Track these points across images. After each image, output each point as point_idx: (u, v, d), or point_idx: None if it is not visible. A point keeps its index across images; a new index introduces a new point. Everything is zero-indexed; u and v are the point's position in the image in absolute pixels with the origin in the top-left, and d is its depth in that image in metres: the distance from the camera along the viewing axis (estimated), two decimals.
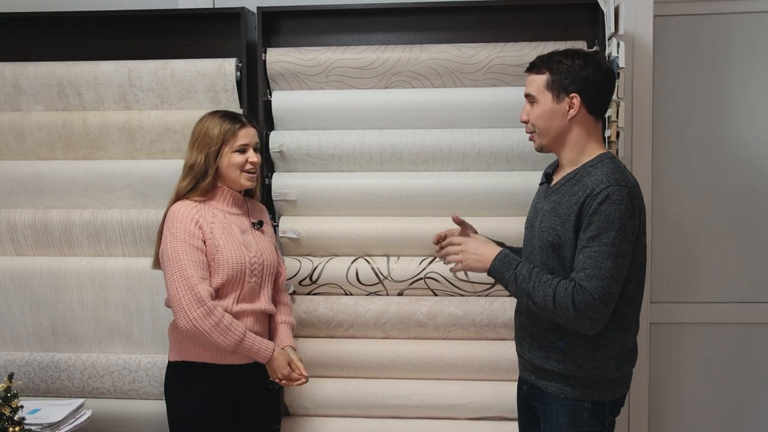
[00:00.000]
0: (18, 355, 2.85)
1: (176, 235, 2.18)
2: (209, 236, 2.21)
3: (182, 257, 2.16)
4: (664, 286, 3.04)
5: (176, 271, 2.15)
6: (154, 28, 2.89)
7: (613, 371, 1.99)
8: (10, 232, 2.85)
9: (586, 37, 2.73)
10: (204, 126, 2.27)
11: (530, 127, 2.05)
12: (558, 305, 1.89)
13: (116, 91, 2.83)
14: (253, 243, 2.31)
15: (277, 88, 2.85)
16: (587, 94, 1.97)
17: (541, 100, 2.00)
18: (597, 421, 2.00)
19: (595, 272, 1.86)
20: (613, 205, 1.87)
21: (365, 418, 2.82)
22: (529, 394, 2.14)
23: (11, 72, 2.84)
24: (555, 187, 2.05)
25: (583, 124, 2.00)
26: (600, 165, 1.97)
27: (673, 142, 3.01)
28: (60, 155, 2.88)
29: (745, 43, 2.97)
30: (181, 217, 2.20)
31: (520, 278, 1.95)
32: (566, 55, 2.00)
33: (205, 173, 2.25)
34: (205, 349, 2.23)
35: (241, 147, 2.26)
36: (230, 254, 2.22)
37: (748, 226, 3.02)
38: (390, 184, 2.78)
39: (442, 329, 2.77)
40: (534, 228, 2.08)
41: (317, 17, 2.88)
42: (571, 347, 1.99)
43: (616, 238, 1.86)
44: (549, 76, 1.98)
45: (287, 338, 2.40)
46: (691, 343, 3.06)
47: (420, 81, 2.79)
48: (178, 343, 2.28)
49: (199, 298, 2.13)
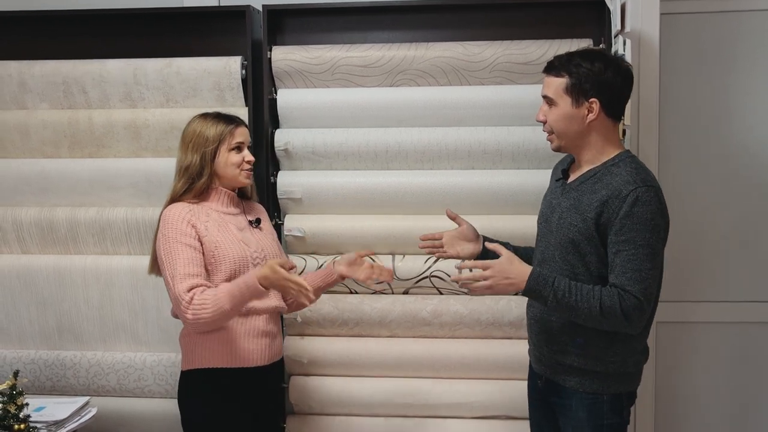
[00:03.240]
0: (24, 353, 2.85)
1: (168, 236, 2.15)
2: (204, 233, 2.17)
3: (175, 256, 2.12)
4: (672, 285, 3.01)
5: (169, 273, 2.11)
6: (159, 26, 2.89)
7: (631, 366, 2.03)
8: (16, 231, 2.85)
9: (593, 35, 2.72)
10: (197, 128, 2.25)
11: (548, 128, 2.05)
12: (606, 314, 1.89)
13: (122, 90, 2.83)
14: (252, 240, 2.28)
15: (283, 87, 2.85)
16: (606, 99, 1.96)
17: (560, 104, 1.99)
18: (616, 413, 2.03)
19: (636, 275, 1.88)
20: (645, 207, 1.88)
21: (370, 417, 2.81)
22: (545, 389, 2.14)
23: (17, 70, 2.85)
24: (574, 185, 2.04)
25: (602, 126, 2.00)
26: (622, 164, 1.97)
27: (679, 140, 2.99)
28: (65, 153, 2.88)
29: (752, 41, 2.95)
30: (172, 220, 2.17)
31: (560, 294, 1.91)
32: (585, 57, 1.98)
33: (200, 173, 2.22)
34: (222, 354, 2.18)
35: (237, 145, 2.26)
36: (230, 249, 2.19)
37: (756, 224, 3.01)
38: (395, 182, 2.78)
39: (447, 328, 2.76)
40: (551, 224, 2.07)
41: (322, 15, 2.88)
42: (590, 343, 1.99)
43: (651, 238, 1.89)
44: (568, 80, 1.96)
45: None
46: (699, 342, 3.05)
47: (425, 79, 2.78)
48: (190, 351, 2.23)
49: (180, 292, 2.07)
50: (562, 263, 2.01)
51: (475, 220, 2.73)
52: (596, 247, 1.95)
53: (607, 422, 2.01)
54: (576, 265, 1.98)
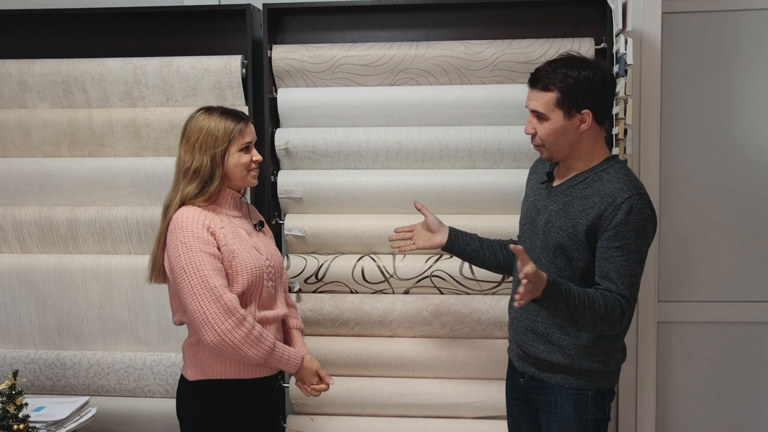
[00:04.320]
0: (23, 353, 2.85)
1: (189, 244, 1.99)
2: (223, 242, 2.04)
3: (201, 267, 1.97)
4: (672, 285, 3.02)
5: (197, 283, 1.97)
6: (159, 25, 2.89)
7: (614, 364, 2.07)
8: (16, 230, 2.84)
9: (594, 34, 2.71)
10: (203, 125, 2.08)
11: (538, 141, 2.02)
12: (606, 318, 1.91)
13: (122, 89, 2.82)
14: (261, 245, 2.19)
15: (283, 86, 2.84)
16: (598, 108, 1.97)
17: (552, 118, 1.96)
18: (599, 409, 2.06)
19: (629, 280, 1.93)
20: (639, 215, 1.91)
21: (371, 417, 2.81)
22: (528, 387, 2.14)
23: (17, 69, 2.84)
24: (562, 188, 2.04)
25: (592, 133, 2.00)
26: (612, 170, 1.99)
27: (680, 140, 2.99)
28: (65, 153, 2.87)
29: (754, 41, 2.95)
30: (191, 225, 2.01)
31: (571, 303, 1.87)
32: (571, 66, 1.94)
33: (212, 177, 2.07)
34: (232, 365, 2.08)
35: (246, 144, 2.13)
36: (247, 259, 2.07)
37: (756, 224, 3.00)
38: (396, 181, 2.77)
39: (448, 328, 2.76)
40: (536, 226, 2.07)
41: (323, 14, 2.87)
42: (576, 342, 2.02)
43: (641, 244, 1.93)
44: (558, 95, 1.94)
45: (302, 345, 2.28)
46: (699, 342, 3.05)
47: (426, 78, 2.77)
48: (198, 361, 2.11)
49: (227, 308, 1.97)
50: (548, 265, 2.02)
51: (475, 219, 2.74)
52: (584, 252, 1.97)
53: (591, 417, 2.04)
54: (563, 269, 2.01)
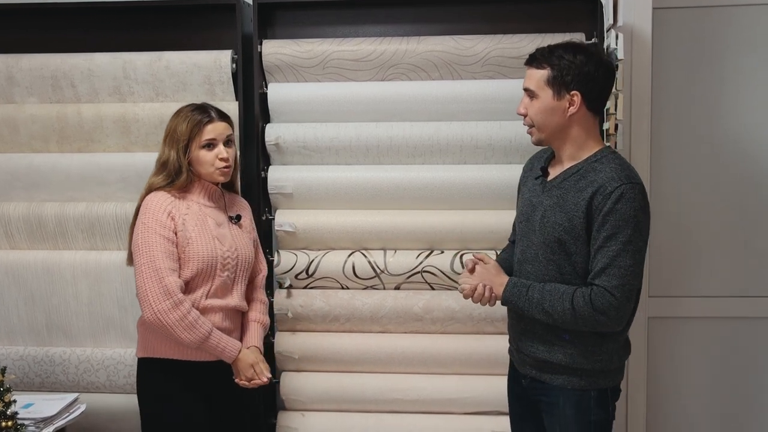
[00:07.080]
0: (12, 350, 2.83)
1: (147, 225, 2.14)
2: (181, 228, 2.17)
3: (153, 247, 2.12)
4: (663, 281, 3.02)
5: (146, 262, 2.11)
6: (149, 19, 2.87)
7: (616, 361, 2.03)
8: (4, 226, 2.83)
9: (585, 29, 2.71)
10: (174, 121, 2.23)
11: (528, 121, 2.03)
12: (579, 316, 1.90)
13: (111, 84, 2.80)
14: (228, 237, 2.26)
15: (273, 81, 2.83)
16: (588, 92, 1.95)
17: (541, 96, 1.97)
18: (602, 409, 2.02)
19: (614, 271, 1.88)
20: (628, 203, 1.87)
21: (362, 413, 2.80)
22: (530, 388, 2.12)
23: (5, 64, 2.82)
24: (556, 182, 2.02)
25: (583, 120, 1.98)
26: (605, 160, 1.96)
27: (671, 135, 2.99)
28: (54, 148, 2.86)
29: (745, 36, 2.94)
30: (154, 208, 2.16)
31: (534, 303, 1.96)
32: (568, 49, 1.96)
33: (179, 170, 2.20)
34: (170, 345, 2.19)
35: (207, 142, 2.19)
36: (201, 247, 2.18)
37: (747, 219, 3.00)
38: (387, 177, 2.76)
39: (439, 323, 2.76)
40: (533, 223, 2.05)
41: (313, 9, 2.86)
42: (577, 340, 1.99)
43: (632, 235, 1.88)
44: (550, 72, 1.95)
45: (255, 338, 2.33)
46: (690, 338, 3.05)
47: (417, 73, 2.77)
48: (144, 339, 2.26)
49: (166, 290, 2.10)
50: (546, 263, 1.99)
51: (467, 215, 2.74)
52: (583, 246, 1.94)
53: (593, 418, 2.01)
54: (562, 265, 1.97)
